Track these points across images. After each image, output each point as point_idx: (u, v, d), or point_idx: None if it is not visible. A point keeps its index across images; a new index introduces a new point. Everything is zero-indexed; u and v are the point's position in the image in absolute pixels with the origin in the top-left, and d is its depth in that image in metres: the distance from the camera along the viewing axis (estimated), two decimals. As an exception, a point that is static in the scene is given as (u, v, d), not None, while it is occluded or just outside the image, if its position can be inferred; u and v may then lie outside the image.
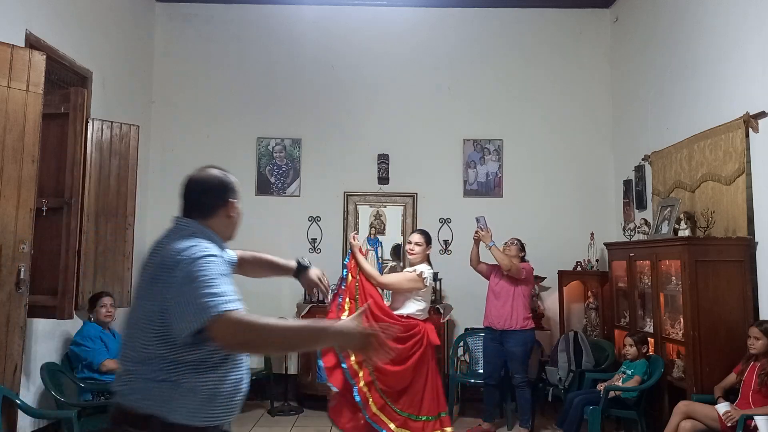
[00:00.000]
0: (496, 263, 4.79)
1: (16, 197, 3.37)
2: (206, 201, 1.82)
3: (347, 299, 3.84)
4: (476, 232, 4.82)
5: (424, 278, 3.95)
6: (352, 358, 3.70)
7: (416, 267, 4.05)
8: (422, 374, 3.83)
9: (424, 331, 3.88)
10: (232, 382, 1.68)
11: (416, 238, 4.16)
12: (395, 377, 3.74)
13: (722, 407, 3.52)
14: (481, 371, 5.21)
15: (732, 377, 3.74)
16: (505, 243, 4.95)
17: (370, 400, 3.66)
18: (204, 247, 1.66)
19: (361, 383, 3.67)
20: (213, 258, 1.64)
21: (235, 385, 1.69)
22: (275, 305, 5.66)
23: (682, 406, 3.75)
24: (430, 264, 4.12)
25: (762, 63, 3.88)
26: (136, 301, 1.68)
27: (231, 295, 1.58)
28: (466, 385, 5.43)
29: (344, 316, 3.62)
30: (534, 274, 5.73)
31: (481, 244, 4.83)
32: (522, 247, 4.98)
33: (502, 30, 6.32)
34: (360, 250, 4.04)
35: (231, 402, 1.68)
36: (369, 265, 4.03)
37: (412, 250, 4.11)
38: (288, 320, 1.69)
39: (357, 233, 4.44)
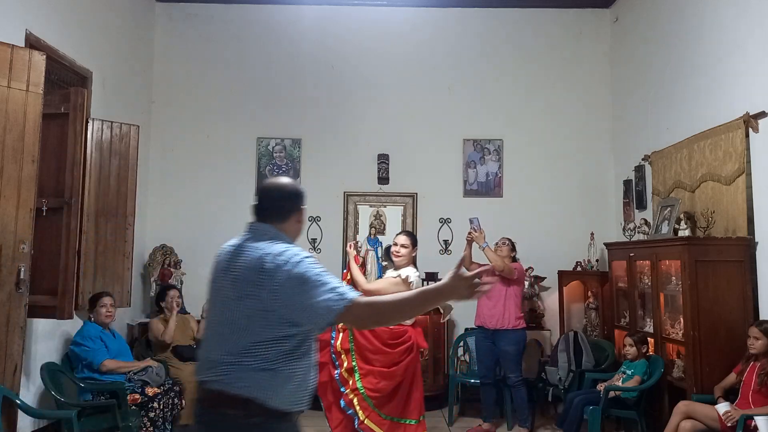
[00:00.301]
0: (488, 263, 4.79)
1: (16, 197, 3.37)
2: (283, 206, 1.97)
3: None
4: (469, 233, 4.82)
5: (410, 282, 3.83)
6: (344, 364, 3.72)
7: (401, 271, 3.94)
8: (409, 379, 3.80)
9: (414, 337, 3.83)
10: (313, 370, 1.90)
11: (402, 239, 4.03)
12: (384, 379, 3.72)
13: (722, 407, 3.52)
14: (481, 371, 5.21)
15: (732, 377, 3.74)
16: (497, 243, 4.94)
17: (358, 408, 3.65)
18: (296, 249, 1.84)
19: (348, 390, 3.68)
20: (310, 258, 1.82)
21: (313, 374, 1.90)
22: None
23: (682, 406, 3.75)
24: (416, 267, 4.04)
25: (762, 63, 3.88)
26: (233, 301, 1.81)
27: (345, 286, 1.78)
28: (466, 385, 5.43)
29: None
30: (534, 274, 5.76)
31: (474, 244, 4.82)
32: (513, 247, 4.97)
33: (502, 30, 6.32)
34: (356, 259, 4.04)
35: (310, 389, 1.88)
36: (359, 274, 4.00)
37: (398, 252, 3.98)
38: (402, 293, 1.86)
39: (355, 242, 4.40)
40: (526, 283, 5.66)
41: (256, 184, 6.14)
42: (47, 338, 4.33)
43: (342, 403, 3.67)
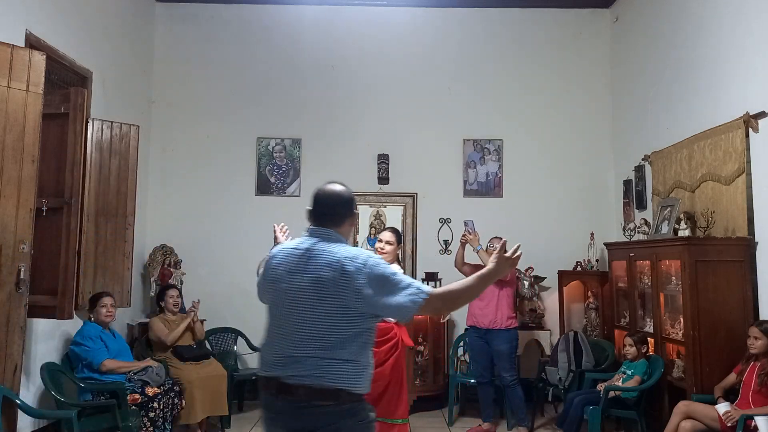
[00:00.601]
0: (480, 264, 4.78)
1: (16, 197, 3.37)
2: (339, 212, 2.17)
3: None
4: (464, 235, 4.82)
5: None
6: None
7: None
8: (397, 378, 3.76)
9: (399, 334, 3.79)
10: None
11: (387, 236, 3.94)
12: (372, 382, 3.70)
13: (722, 407, 3.52)
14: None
15: (732, 377, 3.74)
16: (490, 245, 4.93)
17: None
18: (368, 252, 2.07)
19: None
20: (381, 259, 2.05)
21: None
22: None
23: (682, 406, 3.75)
24: (400, 264, 3.99)
25: (762, 63, 3.88)
26: (314, 301, 1.99)
27: (417, 281, 2.04)
28: (466, 385, 5.43)
29: None
30: (534, 274, 5.76)
31: (468, 246, 4.82)
32: (505, 249, 4.94)
33: (502, 30, 6.31)
34: None
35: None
36: None
37: (383, 249, 3.88)
38: (463, 280, 2.11)
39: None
40: (526, 283, 5.67)
41: (256, 184, 6.14)
42: (47, 338, 4.33)
43: None
